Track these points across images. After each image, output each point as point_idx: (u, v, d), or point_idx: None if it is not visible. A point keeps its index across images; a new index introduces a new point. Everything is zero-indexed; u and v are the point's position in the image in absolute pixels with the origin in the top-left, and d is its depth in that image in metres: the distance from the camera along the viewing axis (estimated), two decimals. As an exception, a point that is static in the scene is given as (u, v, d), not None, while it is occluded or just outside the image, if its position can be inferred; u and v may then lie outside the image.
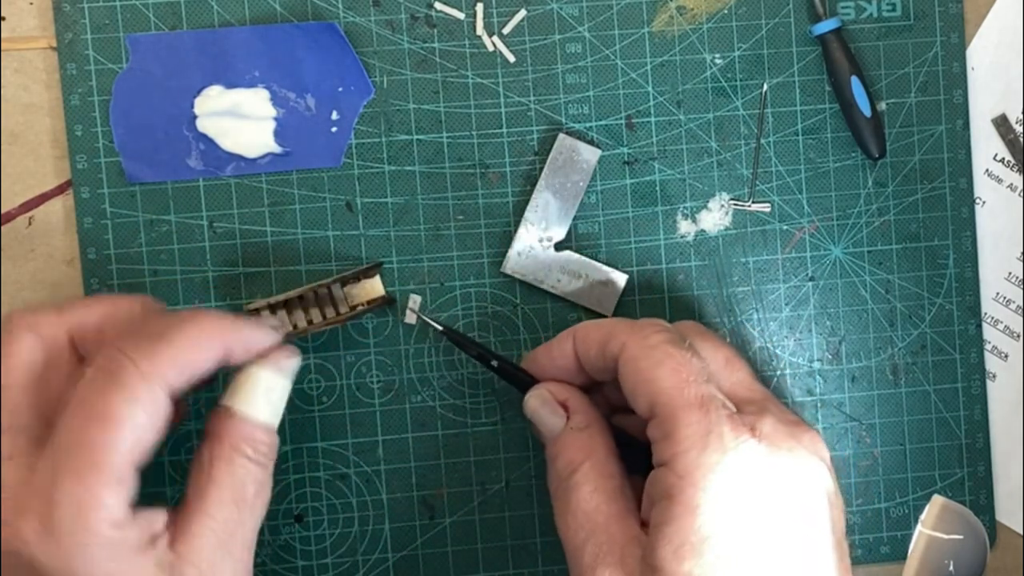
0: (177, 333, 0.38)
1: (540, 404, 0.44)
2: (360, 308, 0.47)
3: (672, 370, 0.39)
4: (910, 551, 0.51)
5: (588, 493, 0.40)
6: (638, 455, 0.41)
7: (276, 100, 0.48)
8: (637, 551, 0.38)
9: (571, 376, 0.44)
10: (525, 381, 0.45)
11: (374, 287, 0.47)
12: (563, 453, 0.42)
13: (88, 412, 0.36)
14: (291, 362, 0.42)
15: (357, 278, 0.47)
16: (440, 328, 0.46)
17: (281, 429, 0.48)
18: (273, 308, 0.45)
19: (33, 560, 0.35)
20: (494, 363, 0.46)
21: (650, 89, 0.50)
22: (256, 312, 0.45)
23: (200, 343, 0.39)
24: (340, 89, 0.48)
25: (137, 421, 0.36)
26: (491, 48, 0.49)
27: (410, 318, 0.47)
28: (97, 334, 0.39)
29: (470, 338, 0.48)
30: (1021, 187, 0.52)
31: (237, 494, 0.39)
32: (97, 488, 0.35)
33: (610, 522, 0.39)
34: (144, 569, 0.36)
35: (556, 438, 0.43)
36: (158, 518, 0.38)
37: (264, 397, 0.41)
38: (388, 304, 0.48)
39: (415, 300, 0.47)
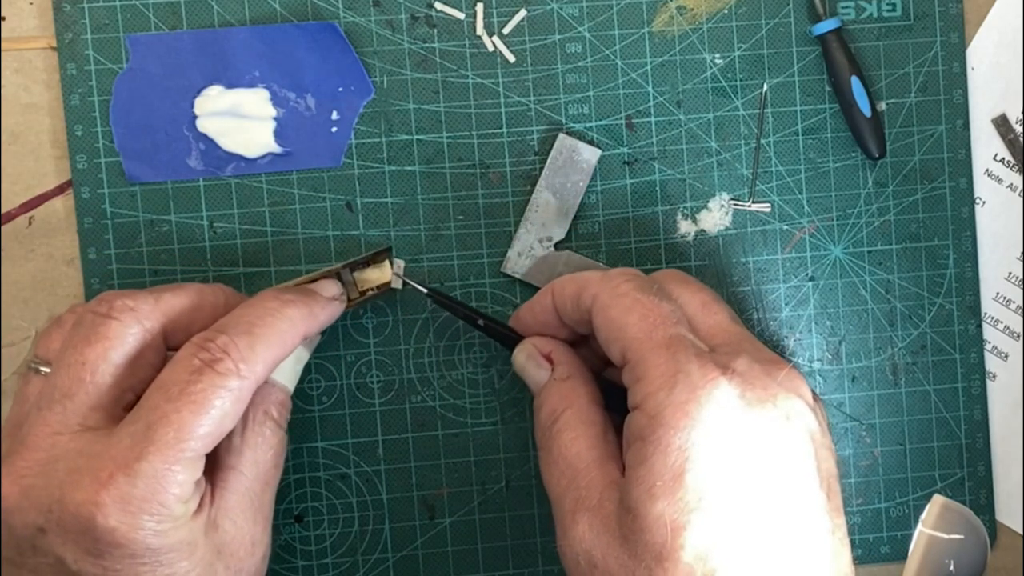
0: (270, 330, 0.40)
1: (526, 358, 0.45)
2: (370, 293, 0.46)
3: (641, 315, 0.39)
4: (911, 551, 0.51)
5: (569, 440, 0.41)
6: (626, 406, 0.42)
7: (276, 100, 0.48)
8: (616, 495, 0.38)
9: (554, 330, 0.45)
10: (512, 339, 0.46)
11: (383, 272, 0.47)
12: (546, 402, 0.43)
13: (181, 393, 0.38)
14: (317, 336, 0.45)
15: (367, 263, 0.47)
16: (425, 290, 0.47)
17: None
18: None
19: (104, 527, 0.36)
20: (481, 322, 0.46)
21: (650, 89, 0.50)
22: None
23: (288, 338, 0.41)
24: (340, 89, 0.48)
25: (225, 409, 0.38)
26: (491, 48, 0.49)
27: (396, 283, 0.47)
28: (186, 324, 0.41)
29: (455, 299, 0.48)
30: (1021, 187, 0.52)
31: (266, 454, 0.42)
32: (178, 467, 0.37)
33: (590, 467, 0.40)
34: (195, 532, 0.39)
35: (540, 389, 0.43)
36: (202, 482, 0.40)
37: (293, 367, 0.44)
38: (391, 291, 0.48)
39: (399, 265, 0.47)
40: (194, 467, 0.38)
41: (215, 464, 0.42)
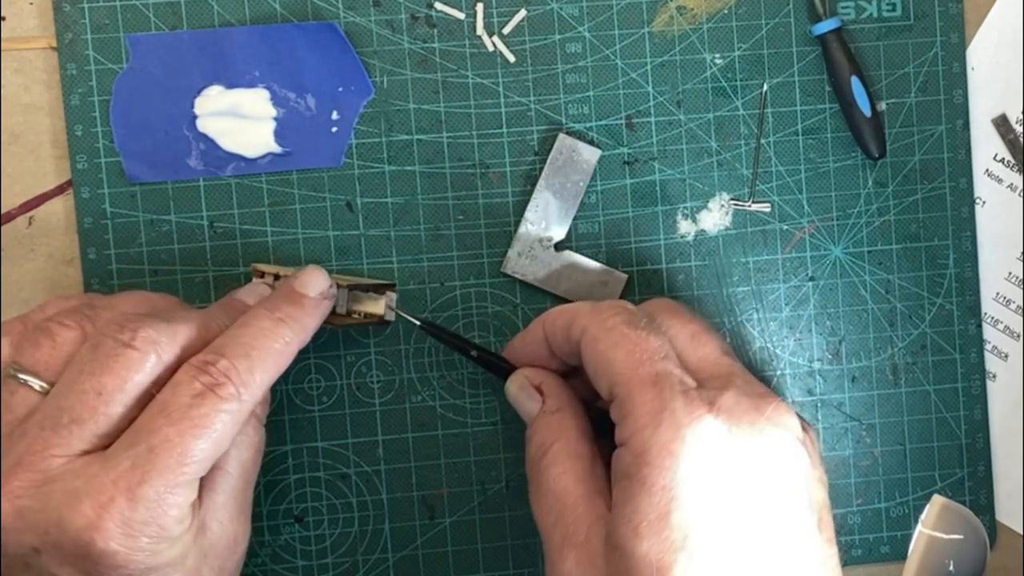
0: (266, 353, 0.40)
1: (518, 389, 0.45)
2: (355, 317, 0.46)
3: (628, 351, 0.39)
4: (910, 551, 0.51)
5: (558, 474, 0.41)
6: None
7: (276, 100, 0.48)
8: (603, 531, 0.38)
9: (545, 361, 0.45)
10: (505, 369, 0.46)
11: (378, 305, 0.47)
12: (536, 435, 0.42)
13: (183, 417, 0.37)
14: None
15: (367, 289, 0.46)
16: (417, 322, 0.46)
17: (281, 429, 0.48)
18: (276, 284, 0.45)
19: (104, 551, 0.36)
20: (474, 353, 0.46)
21: (650, 89, 0.50)
22: (262, 274, 0.45)
23: (283, 359, 0.41)
24: (340, 89, 0.48)
25: (225, 433, 0.38)
26: (491, 48, 0.49)
27: (388, 315, 0.46)
28: (190, 353, 0.40)
29: (448, 330, 0.48)
30: (1021, 187, 0.52)
31: (249, 452, 0.42)
32: (177, 490, 0.37)
33: (578, 503, 0.40)
34: (187, 544, 0.39)
35: (531, 421, 0.43)
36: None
37: None
38: (382, 324, 0.48)
39: (391, 296, 0.47)
40: (191, 488, 0.38)
41: None
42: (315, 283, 0.43)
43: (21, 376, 0.39)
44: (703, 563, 0.36)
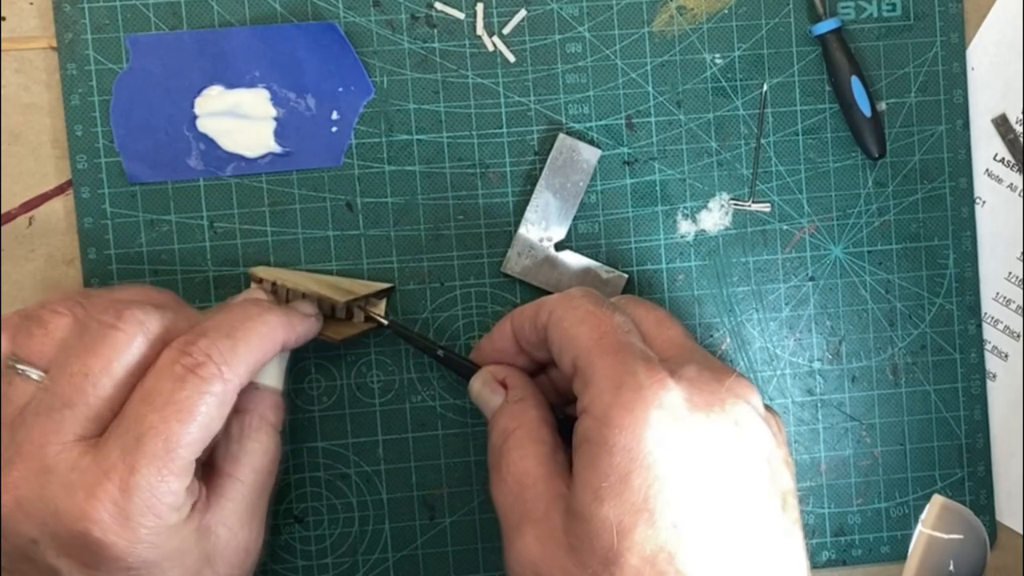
0: (251, 333, 0.40)
1: (481, 385, 0.45)
2: (355, 323, 0.46)
3: (592, 326, 0.40)
4: (910, 551, 0.51)
5: (519, 457, 0.41)
6: None
7: (276, 100, 0.48)
8: (562, 506, 0.38)
9: (512, 359, 0.45)
10: (470, 369, 0.46)
11: (378, 310, 0.47)
12: (498, 423, 0.43)
13: (167, 403, 0.37)
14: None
15: (364, 300, 0.47)
16: (385, 322, 0.47)
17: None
18: (275, 289, 0.45)
19: (101, 541, 0.36)
20: (440, 353, 0.47)
21: (650, 89, 0.50)
22: (260, 280, 0.46)
23: (268, 343, 0.41)
24: (340, 89, 0.48)
25: (211, 415, 0.38)
26: (491, 48, 0.49)
27: (357, 316, 0.47)
28: (175, 337, 0.40)
29: (414, 331, 0.48)
30: (1021, 187, 0.52)
31: (263, 459, 0.43)
32: (170, 477, 0.37)
33: (538, 483, 0.40)
34: (187, 539, 0.39)
35: (494, 413, 0.44)
36: (195, 486, 0.40)
37: (278, 366, 0.44)
38: (380, 327, 0.48)
39: (353, 294, 0.47)
40: (185, 474, 0.38)
41: (212, 471, 0.41)
42: (303, 306, 0.44)
43: (19, 367, 0.39)
44: (664, 526, 0.36)
